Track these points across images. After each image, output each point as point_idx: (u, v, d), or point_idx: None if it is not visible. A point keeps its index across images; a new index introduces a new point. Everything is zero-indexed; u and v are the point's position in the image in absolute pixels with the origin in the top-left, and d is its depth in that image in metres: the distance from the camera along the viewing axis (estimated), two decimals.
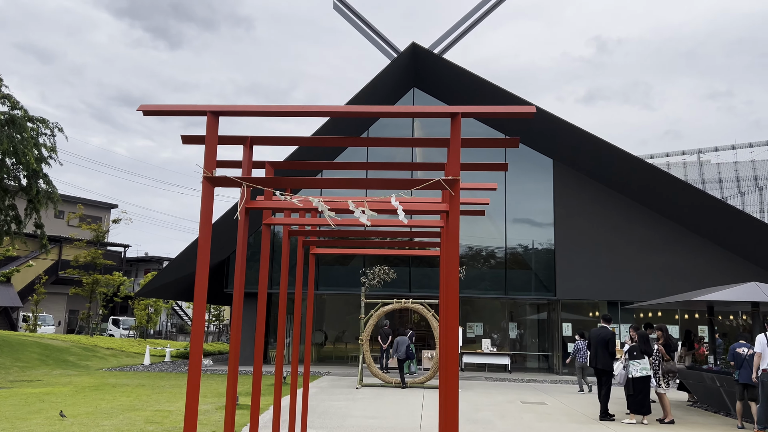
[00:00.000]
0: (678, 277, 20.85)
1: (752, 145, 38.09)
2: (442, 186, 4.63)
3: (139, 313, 34.92)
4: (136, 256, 53.48)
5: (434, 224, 6.83)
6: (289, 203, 5.35)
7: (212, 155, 4.76)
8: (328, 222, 5.84)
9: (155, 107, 4.85)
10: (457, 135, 4.65)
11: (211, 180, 4.73)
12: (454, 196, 4.60)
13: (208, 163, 4.73)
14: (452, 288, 4.48)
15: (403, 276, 22.13)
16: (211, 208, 4.73)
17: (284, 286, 7.32)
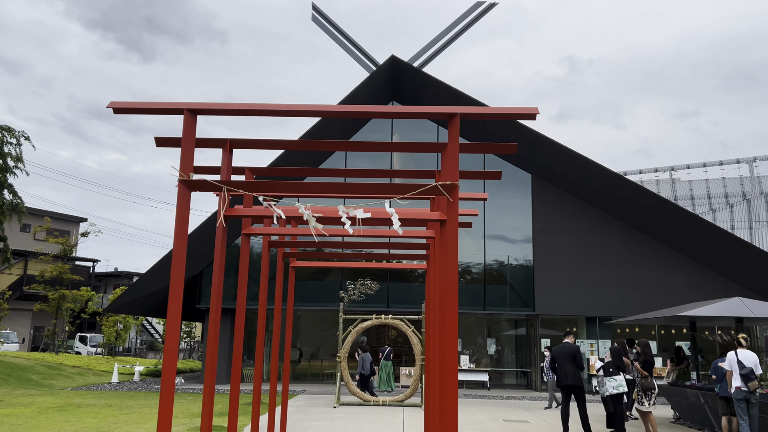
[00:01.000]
0: (656, 292, 20.83)
1: (723, 163, 38.64)
2: (438, 192, 4.32)
3: (107, 329, 33.90)
4: (105, 272, 52.23)
5: (419, 235, 6.52)
6: (272, 211, 4.99)
7: (189, 157, 4.40)
8: (312, 233, 5.47)
9: (127, 104, 4.48)
10: (456, 137, 4.35)
11: (188, 184, 4.36)
12: (452, 202, 4.29)
13: (184, 165, 4.37)
14: (450, 303, 4.15)
15: (380, 291, 21.76)
16: (188, 214, 4.35)
17: (263, 301, 6.93)
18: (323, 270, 22.92)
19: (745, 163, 38.23)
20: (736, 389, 9.76)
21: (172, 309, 3.99)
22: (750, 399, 9.75)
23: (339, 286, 21.58)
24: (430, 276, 7.60)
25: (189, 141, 4.39)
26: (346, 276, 21.49)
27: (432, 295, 6.62)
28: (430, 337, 7.82)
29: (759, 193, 37.67)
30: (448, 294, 4.12)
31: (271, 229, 6.05)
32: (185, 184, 4.32)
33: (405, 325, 15.62)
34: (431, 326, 6.91)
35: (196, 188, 4.39)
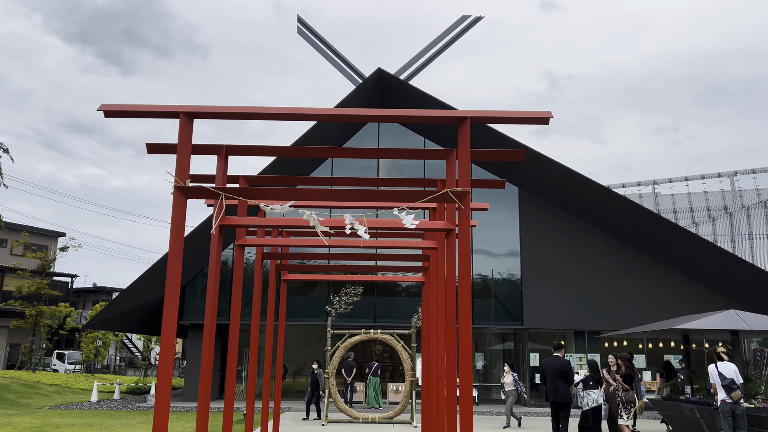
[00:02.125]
0: (644, 305, 20.78)
1: (704, 177, 39.01)
2: (449, 199, 4.12)
3: (86, 346, 33.15)
4: (84, 287, 51.31)
5: (420, 246, 6.31)
6: (268, 220, 4.76)
7: (185, 162, 4.16)
8: (302, 243, 5.23)
9: (118, 107, 4.23)
10: (466, 142, 4.16)
11: (184, 191, 4.11)
12: (464, 210, 4.09)
13: (180, 171, 4.12)
14: (465, 318, 3.94)
15: (367, 306, 21.48)
16: (183, 222, 4.10)
17: (256, 316, 6.66)
18: (308, 284, 22.60)
19: (726, 177, 38.66)
20: (722, 402, 9.92)
21: (167, 318, 3.73)
22: (735, 411, 9.81)
23: (324, 300, 21.27)
24: (428, 289, 7.38)
25: (185, 146, 4.15)
26: (331, 290, 21.20)
27: (432, 308, 6.40)
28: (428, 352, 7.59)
29: (740, 206, 38.06)
30: (462, 308, 3.90)
31: (265, 240, 5.81)
32: (181, 191, 4.07)
33: (394, 340, 15.36)
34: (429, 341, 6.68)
35: (193, 195, 4.14)
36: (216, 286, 4.62)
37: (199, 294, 22.36)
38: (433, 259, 6.47)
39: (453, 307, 4.64)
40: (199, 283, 22.28)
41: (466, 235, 4.03)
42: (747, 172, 38.99)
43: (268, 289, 7.54)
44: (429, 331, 7.14)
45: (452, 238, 4.75)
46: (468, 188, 4.05)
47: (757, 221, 37.76)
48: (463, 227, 4.04)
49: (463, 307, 3.93)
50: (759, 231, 37.50)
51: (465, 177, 4.08)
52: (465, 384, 3.84)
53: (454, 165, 4.87)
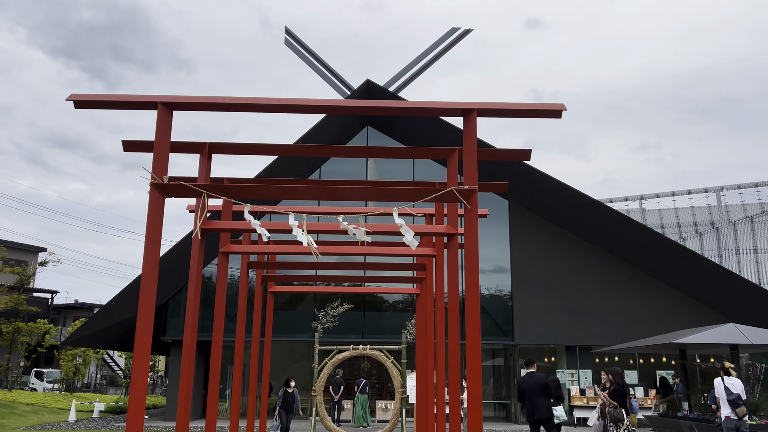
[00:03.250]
0: (635, 320, 20.51)
1: (691, 192, 39.09)
2: (454, 198, 3.76)
3: (65, 364, 32.26)
4: (64, 303, 50.25)
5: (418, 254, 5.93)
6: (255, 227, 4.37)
7: (163, 157, 3.76)
8: (291, 251, 4.84)
9: (90, 97, 3.84)
10: (473, 136, 3.81)
11: (162, 188, 3.71)
12: (471, 210, 3.73)
13: (157, 166, 3.73)
14: (474, 330, 3.57)
15: (355, 321, 21.02)
16: (160, 223, 3.70)
17: (241, 330, 6.24)
18: (294, 299, 22.13)
19: (713, 192, 38.76)
20: (726, 418, 9.63)
21: (142, 324, 3.33)
22: (740, 427, 9.50)
23: (311, 316, 20.79)
24: (424, 301, 6.99)
25: (163, 139, 3.77)
26: (318, 305, 20.72)
27: (429, 322, 6.02)
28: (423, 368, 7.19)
29: (727, 221, 38.13)
30: (471, 321, 3.53)
31: (251, 247, 5.41)
32: (159, 189, 3.68)
33: (384, 356, 14.89)
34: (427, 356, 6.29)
35: (172, 194, 3.75)
36: (197, 296, 4.21)
37: (182, 310, 21.79)
38: (430, 268, 6.10)
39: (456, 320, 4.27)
40: (182, 299, 21.72)
41: (473, 239, 3.67)
42: (733, 187, 39.11)
43: (253, 303, 7.13)
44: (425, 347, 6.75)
45: (454, 243, 4.39)
46: (475, 186, 3.69)
47: (743, 236, 37.84)
48: (469, 230, 3.68)
49: (471, 320, 3.55)
50: (745, 246, 37.58)
51: (471, 174, 3.73)
52: (474, 403, 3.46)
53: (456, 164, 4.52)
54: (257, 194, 3.79)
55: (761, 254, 37.18)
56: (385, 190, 3.71)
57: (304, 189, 3.77)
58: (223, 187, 3.73)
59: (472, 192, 3.67)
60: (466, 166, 3.74)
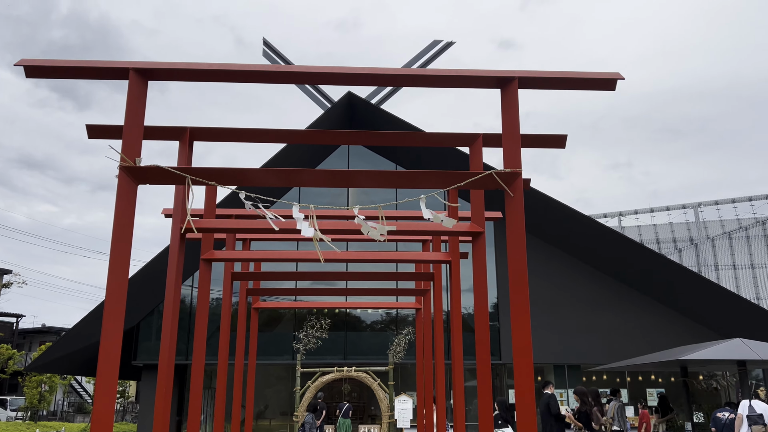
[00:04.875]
0: (626, 337, 20.02)
1: (669, 209, 39.16)
2: (493, 184, 3.11)
3: (29, 391, 30.70)
4: (30, 327, 48.37)
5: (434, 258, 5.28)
6: (245, 223, 3.69)
7: (135, 135, 3.06)
8: (281, 257, 4.14)
9: (43, 62, 3.13)
10: (514, 109, 3.17)
11: (133, 173, 3.01)
12: (514, 198, 3.08)
13: (128, 146, 3.02)
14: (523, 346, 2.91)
15: (336, 342, 20.18)
16: (132, 213, 2.98)
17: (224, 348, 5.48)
18: (272, 320, 21.23)
19: (691, 209, 38.85)
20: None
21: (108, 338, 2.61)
22: None
23: (289, 337, 19.92)
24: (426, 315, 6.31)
25: (136, 114, 3.06)
26: (298, 325, 19.87)
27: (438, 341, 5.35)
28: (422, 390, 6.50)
29: (705, 237, 38.20)
30: (521, 334, 2.87)
31: (238, 253, 4.69)
32: (130, 174, 2.97)
33: (370, 378, 14.15)
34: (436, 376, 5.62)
35: (146, 179, 3.04)
36: (175, 310, 3.49)
37: (154, 333, 20.76)
38: (438, 277, 5.43)
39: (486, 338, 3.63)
40: (153, 321, 20.70)
41: (518, 233, 3.01)
42: (710, 203, 39.27)
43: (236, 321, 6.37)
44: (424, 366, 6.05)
45: (481, 243, 3.73)
46: (519, 170, 3.05)
47: (722, 252, 37.88)
48: (514, 222, 3.03)
49: (519, 334, 2.90)
50: (724, 262, 37.60)
51: (513, 156, 3.09)
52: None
53: (480, 153, 3.88)
54: (254, 180, 3.10)
55: (740, 270, 37.21)
56: (410, 175, 3.05)
57: (310, 176, 3.09)
58: (212, 172, 3.03)
59: (515, 176, 3.03)
60: (507, 146, 3.10)
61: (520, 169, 3.01)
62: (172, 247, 3.65)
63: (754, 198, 38.87)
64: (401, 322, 20.81)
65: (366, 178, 3.11)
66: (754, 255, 37.40)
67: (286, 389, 23.29)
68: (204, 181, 2.97)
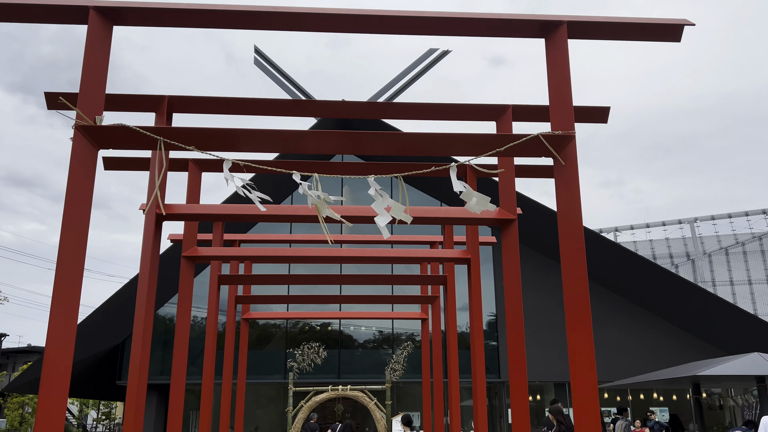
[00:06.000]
0: (628, 354, 19.43)
1: (665, 224, 38.79)
2: (540, 148, 2.53)
3: (11, 413, 29.65)
4: (15, 347, 47.15)
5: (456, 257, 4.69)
6: (231, 208, 3.09)
7: (97, 88, 2.45)
8: (276, 253, 3.53)
9: None
10: (564, 61, 2.60)
11: (93, 134, 2.40)
12: (567, 167, 2.50)
13: (87, 102, 2.41)
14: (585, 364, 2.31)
15: (330, 360, 19.44)
16: (90, 186, 2.37)
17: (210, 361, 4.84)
18: (263, 338, 20.49)
19: (687, 224, 38.48)
20: None
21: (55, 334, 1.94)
22: None
23: (281, 356, 19.18)
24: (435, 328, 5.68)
25: (96, 64, 2.46)
26: (290, 344, 19.12)
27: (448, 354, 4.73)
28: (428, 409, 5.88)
29: (702, 253, 37.80)
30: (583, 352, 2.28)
31: (223, 250, 4.07)
32: (88, 135, 2.36)
33: (366, 397, 13.42)
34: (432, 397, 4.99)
35: (108, 142, 2.43)
36: (150, 300, 2.87)
37: None
38: (451, 281, 4.82)
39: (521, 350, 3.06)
40: None
41: (573, 209, 2.42)
42: (707, 218, 38.96)
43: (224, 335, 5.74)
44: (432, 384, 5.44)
45: (512, 233, 3.12)
46: (572, 132, 2.46)
47: (719, 267, 37.48)
48: (566, 196, 2.44)
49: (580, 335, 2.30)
50: (721, 277, 37.19)
51: (564, 115, 2.50)
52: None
53: (509, 127, 3.30)
54: (244, 145, 2.49)
55: (737, 285, 36.81)
56: (437, 139, 2.47)
57: (314, 140, 2.50)
58: (192, 133, 2.43)
59: (568, 140, 2.44)
60: (555, 106, 2.52)
61: (573, 132, 2.42)
62: (146, 236, 3.04)
63: (750, 213, 38.61)
64: (396, 339, 20.13)
65: (380, 144, 2.52)
66: (751, 270, 37.00)
67: (278, 410, 22.45)
68: (180, 146, 2.37)
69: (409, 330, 20.47)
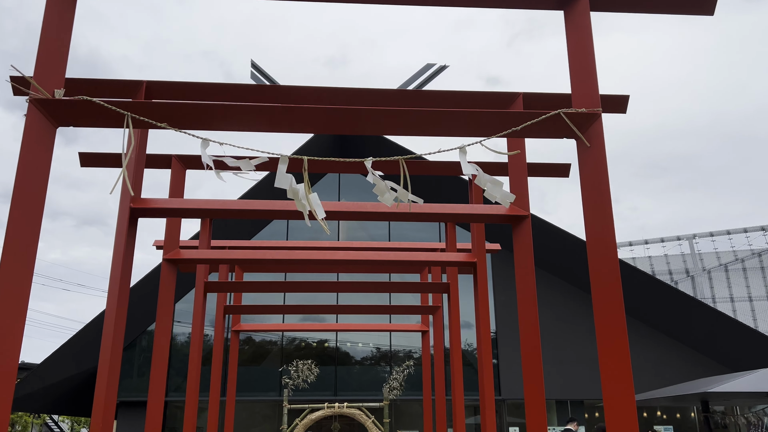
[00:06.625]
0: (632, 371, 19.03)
1: (664, 240, 38.52)
2: (562, 128, 2.23)
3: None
4: None
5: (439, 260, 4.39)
6: (219, 203, 2.81)
7: (55, 56, 2.17)
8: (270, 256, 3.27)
9: None
10: (586, 28, 2.31)
11: (50, 108, 2.11)
12: (592, 148, 2.20)
13: (44, 72, 2.13)
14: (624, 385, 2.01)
15: (326, 377, 19.02)
16: (47, 167, 2.08)
17: (195, 378, 4.50)
18: (258, 355, 20.07)
19: (686, 240, 38.24)
20: None
21: None
22: None
23: (276, 372, 18.74)
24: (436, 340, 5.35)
25: (57, 30, 2.17)
26: (286, 359, 18.70)
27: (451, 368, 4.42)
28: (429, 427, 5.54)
29: (701, 269, 37.51)
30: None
31: (209, 252, 3.76)
32: (44, 110, 2.06)
33: (364, 415, 13.01)
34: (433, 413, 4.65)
35: (68, 118, 2.13)
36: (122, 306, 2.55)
37: (135, 368, 19.53)
38: (454, 287, 4.51)
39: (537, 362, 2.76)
40: (135, 357, 19.51)
41: (601, 193, 2.12)
42: (705, 235, 38.72)
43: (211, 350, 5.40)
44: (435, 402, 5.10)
45: (525, 230, 2.82)
46: (598, 109, 2.17)
47: (718, 284, 37.17)
48: (592, 178, 2.14)
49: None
50: (721, 294, 36.86)
51: (588, 90, 2.21)
52: None
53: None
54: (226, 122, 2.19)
55: (738, 302, 36.48)
56: (447, 116, 2.17)
57: (304, 116, 2.20)
58: (165, 108, 2.13)
59: (593, 119, 2.15)
60: (577, 81, 2.23)
61: (599, 109, 2.13)
62: (119, 233, 2.72)
63: (749, 230, 38.38)
64: (394, 356, 19.74)
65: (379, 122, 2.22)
66: (751, 287, 36.70)
67: (273, 428, 21.94)
68: (151, 122, 2.07)
69: (407, 347, 20.08)
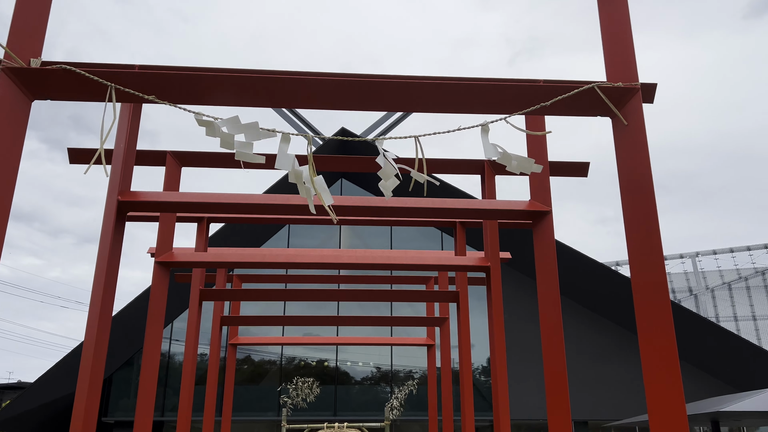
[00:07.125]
0: (635, 390, 18.65)
1: (667, 258, 38.20)
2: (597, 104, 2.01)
3: None
4: (4, 383, 45.88)
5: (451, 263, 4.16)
6: (215, 196, 2.59)
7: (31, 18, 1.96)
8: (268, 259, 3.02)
9: None
10: None
11: (25, 78, 1.89)
12: (630, 127, 1.97)
13: (19, 37, 1.91)
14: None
15: (326, 396, 18.64)
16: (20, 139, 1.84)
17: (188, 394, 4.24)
18: (256, 374, 19.70)
19: (689, 258, 37.92)
20: None
21: None
22: None
23: (274, 392, 18.36)
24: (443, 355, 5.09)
25: None
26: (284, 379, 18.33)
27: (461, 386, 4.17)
28: None
29: (705, 288, 37.16)
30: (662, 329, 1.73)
31: (204, 255, 3.52)
32: (19, 79, 1.83)
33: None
34: None
35: (45, 90, 1.91)
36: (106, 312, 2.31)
37: (131, 387, 19.18)
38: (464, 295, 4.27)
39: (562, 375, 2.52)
40: (132, 376, 19.18)
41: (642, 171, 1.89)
42: (708, 253, 38.43)
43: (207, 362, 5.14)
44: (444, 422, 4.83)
45: (546, 227, 2.59)
46: (637, 83, 1.95)
47: (722, 303, 36.80)
48: (630, 161, 1.91)
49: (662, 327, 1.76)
50: (725, 313, 36.47)
51: (624, 63, 1.98)
52: None
53: None
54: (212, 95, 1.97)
55: (741, 321, 36.09)
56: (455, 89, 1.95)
57: (305, 88, 1.98)
58: (153, 78, 1.90)
59: (631, 94, 1.92)
60: (611, 51, 2.00)
61: (637, 84, 1.91)
62: (104, 229, 2.49)
63: (752, 248, 38.04)
64: (395, 376, 19.37)
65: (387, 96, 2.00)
66: (755, 306, 36.30)
67: None
68: (137, 94, 1.84)
69: (408, 366, 19.71)
